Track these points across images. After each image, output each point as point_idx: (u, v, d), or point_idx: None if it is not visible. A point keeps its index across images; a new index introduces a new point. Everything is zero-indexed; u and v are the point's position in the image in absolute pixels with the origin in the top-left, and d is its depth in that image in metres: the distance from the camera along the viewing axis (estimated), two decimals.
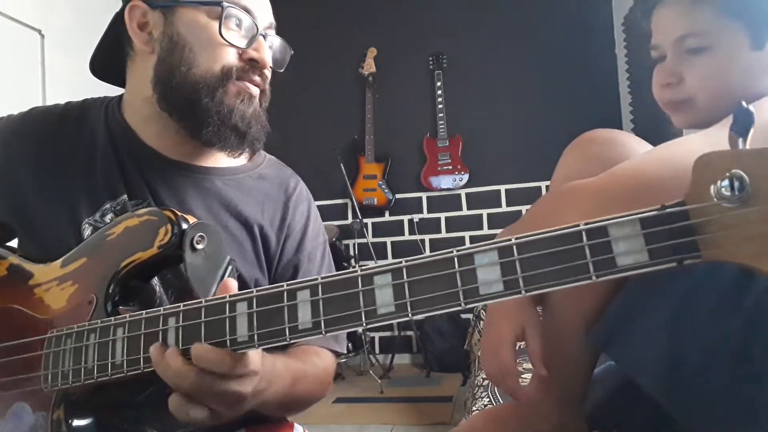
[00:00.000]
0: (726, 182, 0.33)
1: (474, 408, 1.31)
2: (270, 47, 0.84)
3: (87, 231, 0.78)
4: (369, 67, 3.91)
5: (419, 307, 0.44)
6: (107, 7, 0.83)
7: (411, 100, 3.92)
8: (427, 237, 3.87)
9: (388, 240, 3.93)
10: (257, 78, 0.81)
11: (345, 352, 0.90)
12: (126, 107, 0.86)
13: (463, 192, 3.83)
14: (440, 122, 3.82)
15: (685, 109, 0.80)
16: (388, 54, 3.95)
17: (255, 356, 0.59)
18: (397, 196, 3.87)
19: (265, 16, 0.83)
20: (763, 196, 0.31)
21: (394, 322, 0.44)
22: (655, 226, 0.36)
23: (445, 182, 3.81)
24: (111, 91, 0.91)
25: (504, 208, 3.76)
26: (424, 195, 3.89)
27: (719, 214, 0.34)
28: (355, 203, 3.63)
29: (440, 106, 3.82)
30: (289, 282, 0.53)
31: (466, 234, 3.82)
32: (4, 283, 0.76)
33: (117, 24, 0.82)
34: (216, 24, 0.77)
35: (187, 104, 0.78)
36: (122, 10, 0.81)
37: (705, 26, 0.76)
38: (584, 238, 0.38)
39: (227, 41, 0.78)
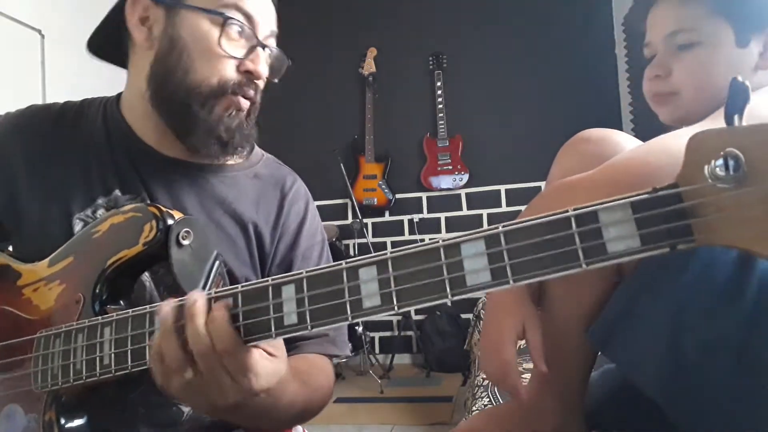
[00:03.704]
0: (720, 162, 0.32)
1: (474, 408, 1.31)
2: (269, 55, 0.84)
3: (78, 226, 0.78)
4: (369, 67, 3.91)
5: (405, 299, 0.43)
6: (107, 7, 0.83)
7: (411, 100, 3.91)
8: (427, 237, 3.86)
9: (388, 240, 3.92)
10: (251, 91, 0.81)
11: (347, 353, 0.89)
12: (124, 103, 0.86)
13: (463, 192, 3.82)
14: (440, 122, 3.81)
15: (669, 102, 0.82)
16: (388, 54, 3.95)
17: (257, 355, 0.56)
18: (397, 196, 3.87)
19: (267, 25, 0.82)
20: (759, 176, 0.30)
21: (384, 317, 0.42)
22: (647, 210, 0.35)
23: (445, 182, 3.80)
24: (111, 91, 0.91)
25: (504, 208, 3.75)
26: (424, 195, 3.88)
27: (714, 196, 0.32)
28: (355, 203, 3.62)
29: (440, 106, 3.81)
30: (274, 277, 0.52)
31: None
32: None
33: (119, 11, 0.81)
34: (217, 33, 0.76)
35: (178, 108, 0.78)
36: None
37: (694, 23, 0.79)
38: (573, 224, 0.37)
39: (226, 52, 0.77)
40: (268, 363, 0.57)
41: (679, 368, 0.59)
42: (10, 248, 0.85)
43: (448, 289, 0.40)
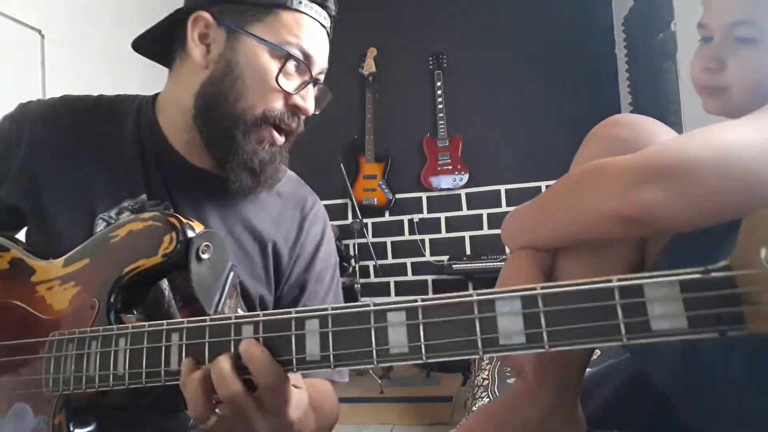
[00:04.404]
0: None
1: (474, 408, 1.31)
2: (316, 88, 0.84)
3: (100, 226, 0.77)
4: (369, 67, 3.90)
5: (434, 351, 0.42)
6: (107, 7, 0.81)
7: (411, 100, 3.90)
8: (427, 237, 3.87)
9: (388, 240, 3.92)
10: (294, 123, 0.81)
11: (346, 380, 0.90)
12: (160, 108, 0.85)
13: (463, 192, 3.82)
14: (440, 122, 3.80)
15: (718, 96, 0.78)
16: (388, 54, 3.94)
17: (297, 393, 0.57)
18: (397, 196, 3.86)
19: (321, 62, 0.82)
20: None
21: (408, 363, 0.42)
22: (697, 291, 0.33)
23: (445, 182, 3.80)
24: (111, 91, 0.89)
25: (504, 208, 3.75)
26: (424, 195, 3.88)
27: None
28: (355, 203, 3.62)
29: (440, 106, 3.81)
30: (297, 309, 0.51)
31: (466, 234, 3.82)
32: (6, 277, 0.74)
33: (176, 19, 0.80)
34: (275, 67, 0.76)
35: (222, 133, 0.78)
36: (187, 10, 0.79)
37: (760, 17, 0.73)
38: (616, 295, 0.35)
39: (280, 87, 0.77)
40: (297, 393, 0.57)
41: (694, 361, 0.57)
42: (17, 237, 0.83)
43: (480, 347, 0.40)
